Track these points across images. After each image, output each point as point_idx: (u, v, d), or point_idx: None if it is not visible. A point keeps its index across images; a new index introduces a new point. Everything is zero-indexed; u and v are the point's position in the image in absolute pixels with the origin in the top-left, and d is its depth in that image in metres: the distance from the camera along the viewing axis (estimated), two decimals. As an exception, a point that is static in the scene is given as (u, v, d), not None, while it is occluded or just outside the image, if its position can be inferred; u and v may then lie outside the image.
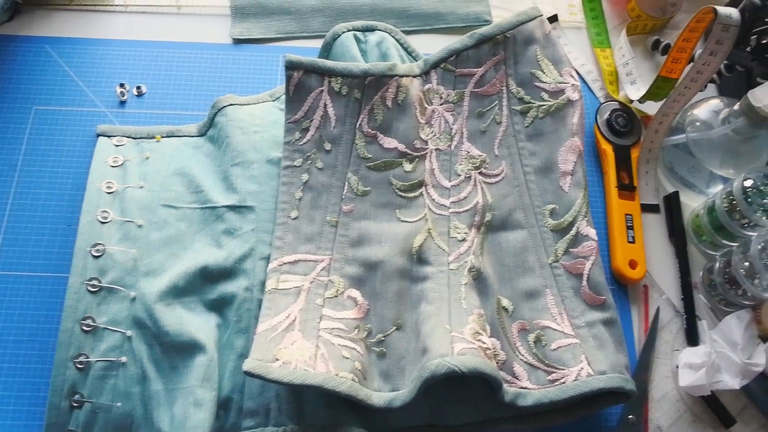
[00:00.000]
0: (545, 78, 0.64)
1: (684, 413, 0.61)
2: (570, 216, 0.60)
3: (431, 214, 0.61)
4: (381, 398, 0.53)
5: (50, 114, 0.68)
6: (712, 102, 0.68)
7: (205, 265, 0.58)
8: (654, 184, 0.70)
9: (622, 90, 0.74)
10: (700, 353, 0.61)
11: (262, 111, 0.67)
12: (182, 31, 0.74)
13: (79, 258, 0.58)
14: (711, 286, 0.65)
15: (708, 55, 0.61)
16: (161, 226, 0.61)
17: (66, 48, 0.72)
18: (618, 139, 0.70)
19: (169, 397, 0.55)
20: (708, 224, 0.65)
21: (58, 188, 0.65)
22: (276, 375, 0.50)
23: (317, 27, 0.75)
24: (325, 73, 0.62)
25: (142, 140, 0.66)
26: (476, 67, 0.65)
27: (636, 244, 0.66)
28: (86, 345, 0.55)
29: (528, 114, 0.64)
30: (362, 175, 0.62)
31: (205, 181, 0.63)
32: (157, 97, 0.70)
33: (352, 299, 0.58)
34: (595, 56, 0.77)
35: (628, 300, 0.65)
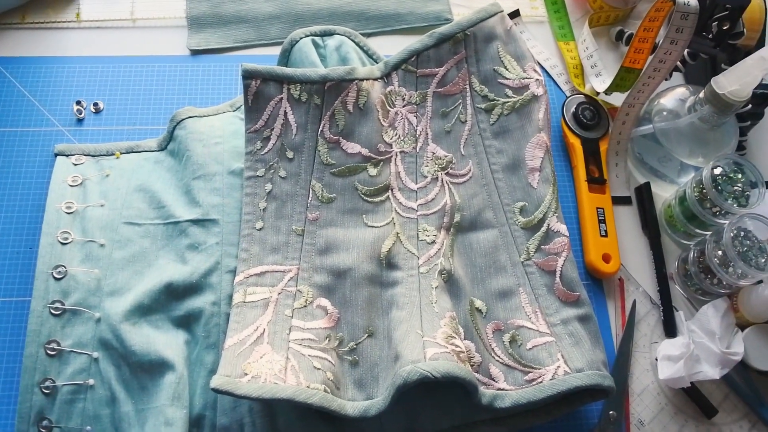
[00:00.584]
0: (508, 74, 0.63)
1: (665, 406, 0.61)
2: (540, 213, 0.60)
3: (399, 218, 0.61)
4: (355, 408, 0.52)
5: (6, 136, 0.67)
6: (678, 90, 0.68)
7: (170, 281, 0.57)
8: (624, 176, 0.69)
9: (588, 83, 0.73)
10: (678, 344, 0.60)
11: (222, 122, 0.66)
12: (138, 45, 0.73)
13: (41, 281, 0.57)
14: (686, 276, 0.64)
15: (669, 43, 0.60)
16: (124, 244, 0.60)
17: (19, 67, 0.70)
18: (586, 132, 0.70)
19: (139, 417, 0.53)
20: (680, 214, 0.65)
21: (18, 211, 0.63)
22: (244, 390, 0.49)
23: (275, 34, 0.74)
24: (283, 80, 0.61)
25: (101, 158, 0.65)
26: (438, 67, 0.64)
27: (609, 238, 0.65)
28: (52, 369, 0.54)
29: (493, 111, 0.63)
30: (326, 182, 0.61)
31: (166, 196, 0.62)
32: (115, 112, 0.69)
33: (321, 308, 0.57)
34: (559, 50, 0.76)
35: (603, 294, 0.65)
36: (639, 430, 0.59)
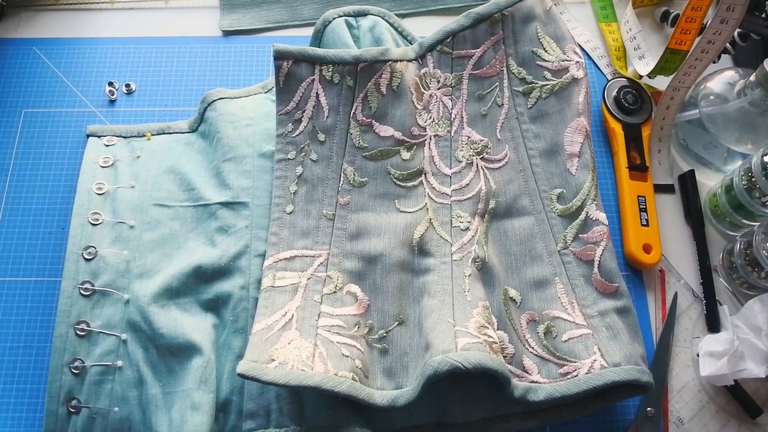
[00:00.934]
0: (547, 56, 0.61)
1: (706, 404, 0.58)
2: (578, 200, 0.58)
3: (432, 204, 0.59)
4: (384, 397, 0.51)
5: (40, 116, 0.67)
6: (726, 74, 0.65)
7: (199, 264, 0.57)
8: (667, 164, 0.67)
9: (631, 65, 0.70)
10: (721, 340, 0.58)
11: (253, 103, 0.65)
12: (170, 26, 0.73)
13: (71, 261, 0.57)
14: (732, 268, 0.61)
15: (719, 23, 0.57)
16: (154, 226, 0.60)
17: (53, 49, 0.71)
18: (627, 117, 0.67)
19: (166, 400, 0.53)
20: (726, 203, 0.62)
21: (50, 191, 0.64)
22: (271, 377, 0.49)
23: (308, 14, 0.73)
24: (315, 61, 0.59)
25: (132, 139, 0.65)
26: (474, 49, 0.62)
27: (650, 227, 0.63)
28: (81, 350, 0.54)
29: (531, 95, 0.61)
30: (358, 165, 0.59)
31: (197, 178, 0.61)
32: (146, 94, 0.69)
33: (351, 295, 0.56)
34: (600, 31, 0.74)
35: (643, 286, 0.62)
36: (678, 428, 0.57)
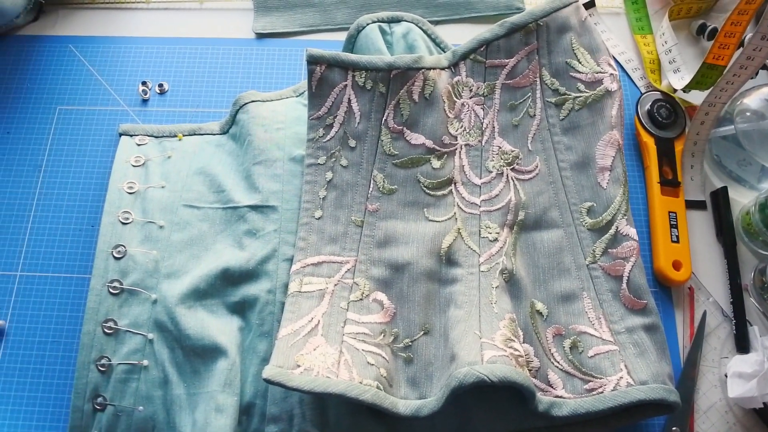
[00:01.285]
0: (581, 68, 0.61)
1: (733, 426, 0.57)
2: (609, 214, 0.57)
3: (461, 213, 0.59)
4: (407, 407, 0.51)
5: (74, 114, 0.68)
6: (763, 90, 0.64)
7: (226, 266, 0.57)
8: (700, 179, 0.66)
9: (665, 79, 0.70)
10: (751, 361, 0.57)
11: (285, 107, 0.65)
12: (204, 27, 0.73)
13: (101, 260, 0.57)
14: (763, 288, 0.61)
15: (760, 39, 0.56)
16: (183, 226, 0.60)
17: (89, 47, 0.71)
18: (660, 131, 0.66)
19: (190, 401, 0.54)
20: (760, 222, 0.61)
21: (82, 188, 0.65)
22: (297, 383, 0.49)
23: (341, 19, 0.73)
24: (348, 66, 0.59)
25: (164, 139, 0.65)
26: (507, 58, 0.62)
27: (680, 244, 0.62)
28: (108, 348, 0.55)
29: (563, 106, 0.61)
30: (388, 172, 0.59)
31: (227, 180, 0.62)
32: (179, 94, 0.69)
33: (378, 302, 0.56)
34: (635, 43, 0.73)
35: (672, 304, 0.62)
36: (704, 449, 0.57)
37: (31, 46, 0.71)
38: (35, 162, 0.66)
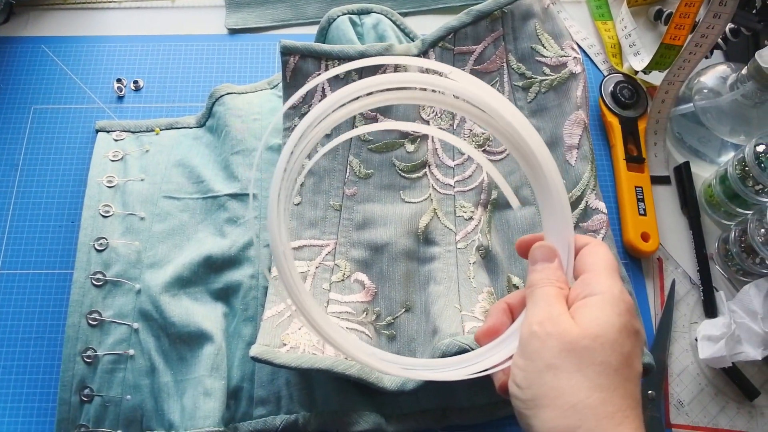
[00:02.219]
0: (546, 52, 0.63)
1: (705, 387, 0.60)
2: (578, 190, 0.59)
3: (436, 194, 0.60)
4: (393, 382, 0.52)
5: (49, 113, 0.68)
6: (719, 68, 0.66)
7: (209, 254, 0.58)
8: (663, 156, 0.68)
9: (626, 61, 0.72)
10: (719, 325, 0.59)
11: (260, 99, 0.66)
12: (177, 24, 0.74)
13: (83, 252, 0.58)
14: (727, 256, 0.63)
15: (712, 17, 0.59)
16: (164, 217, 0.61)
17: (62, 47, 0.72)
18: (624, 111, 0.69)
19: (178, 388, 0.54)
20: (721, 193, 0.64)
21: (60, 185, 0.65)
22: (284, 360, 0.50)
23: (312, 13, 0.75)
24: (321, 56, 0.61)
25: (141, 134, 0.66)
26: (475, 45, 0.64)
27: (648, 217, 0.64)
28: (93, 339, 0.55)
29: (530, 89, 0.63)
30: (364, 157, 0.61)
31: (205, 171, 0.63)
32: (154, 90, 0.70)
33: (359, 282, 0.57)
34: (596, 29, 0.76)
35: (642, 274, 0.64)
36: (678, 411, 0.59)
37: (3, 48, 0.71)
38: (12, 161, 0.65)
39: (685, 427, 0.58)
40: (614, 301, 0.36)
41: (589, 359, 0.34)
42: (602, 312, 0.35)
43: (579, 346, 0.34)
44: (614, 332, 0.35)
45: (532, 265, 0.40)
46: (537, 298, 0.38)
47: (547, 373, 0.34)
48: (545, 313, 0.36)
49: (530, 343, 0.36)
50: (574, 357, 0.34)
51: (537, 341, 0.35)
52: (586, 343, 0.34)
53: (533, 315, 0.37)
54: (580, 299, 0.37)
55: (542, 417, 0.34)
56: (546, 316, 0.36)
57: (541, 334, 0.35)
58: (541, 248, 0.40)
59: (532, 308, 0.38)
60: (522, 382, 0.35)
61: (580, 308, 0.36)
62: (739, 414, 0.59)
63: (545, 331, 0.35)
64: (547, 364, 0.34)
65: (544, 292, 0.38)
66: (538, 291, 0.38)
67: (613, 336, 0.35)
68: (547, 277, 0.38)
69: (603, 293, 0.36)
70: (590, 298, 0.36)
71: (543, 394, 0.34)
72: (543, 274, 0.39)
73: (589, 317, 0.35)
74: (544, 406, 0.34)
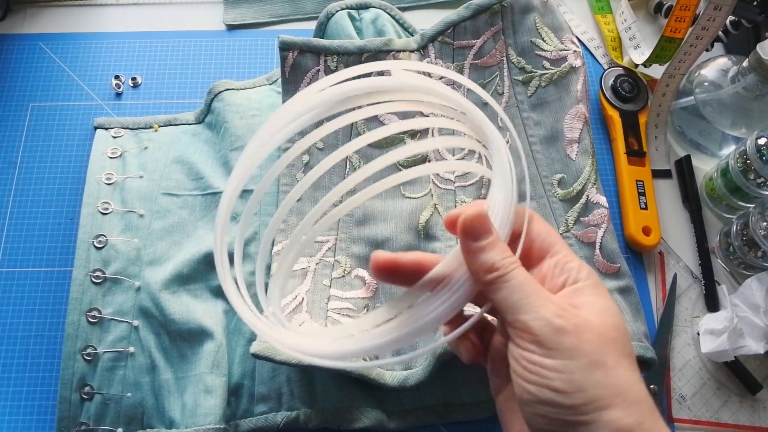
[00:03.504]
0: (546, 46, 0.62)
1: (708, 381, 0.60)
2: (579, 184, 0.59)
3: (436, 189, 0.60)
4: (394, 377, 0.52)
5: (47, 110, 0.68)
6: (719, 61, 0.66)
7: (208, 251, 0.58)
8: (664, 149, 0.68)
9: (626, 55, 0.72)
10: (721, 318, 0.59)
11: (259, 95, 0.66)
12: (175, 21, 0.74)
13: (82, 250, 0.57)
14: (729, 249, 0.63)
15: (713, 9, 0.59)
16: (163, 214, 0.60)
17: (59, 44, 0.71)
18: (624, 104, 0.69)
19: (179, 385, 0.54)
20: (722, 187, 0.64)
21: (59, 183, 0.64)
22: (284, 356, 0.49)
23: (311, 8, 0.74)
24: (320, 51, 0.61)
25: (139, 130, 0.66)
26: (474, 39, 0.63)
27: (649, 211, 0.64)
28: (93, 337, 0.55)
29: (530, 83, 0.63)
30: (364, 153, 0.61)
31: (204, 167, 0.62)
32: (153, 87, 0.70)
33: (360, 278, 0.57)
34: (596, 23, 0.75)
35: (643, 268, 0.64)
36: (680, 405, 0.58)
37: (0, 45, 0.71)
38: (10, 159, 0.65)
39: (688, 421, 0.58)
40: (600, 285, 0.34)
41: (622, 350, 0.32)
42: (602, 299, 0.33)
43: (609, 338, 0.31)
44: (620, 320, 0.33)
45: (474, 241, 0.34)
46: (521, 285, 0.33)
47: (596, 371, 0.31)
48: (551, 302, 0.32)
49: (563, 341, 0.31)
50: (613, 349, 0.31)
51: (571, 337, 0.31)
52: (613, 335, 0.32)
53: (540, 307, 0.32)
54: (569, 286, 0.34)
55: (605, 420, 0.30)
56: (559, 307, 0.32)
57: (571, 328, 0.31)
58: (480, 218, 0.34)
59: (526, 299, 0.32)
60: (566, 386, 0.31)
61: (577, 297, 0.33)
62: (741, 408, 0.59)
63: (573, 323, 0.31)
64: (592, 360, 0.31)
65: (522, 276, 0.33)
66: (515, 277, 0.33)
67: (622, 324, 0.33)
68: (508, 258, 0.33)
69: (587, 278, 0.34)
70: (582, 285, 0.34)
71: (600, 395, 0.30)
72: (501, 254, 0.33)
73: (596, 307, 0.33)
74: (606, 407, 0.30)
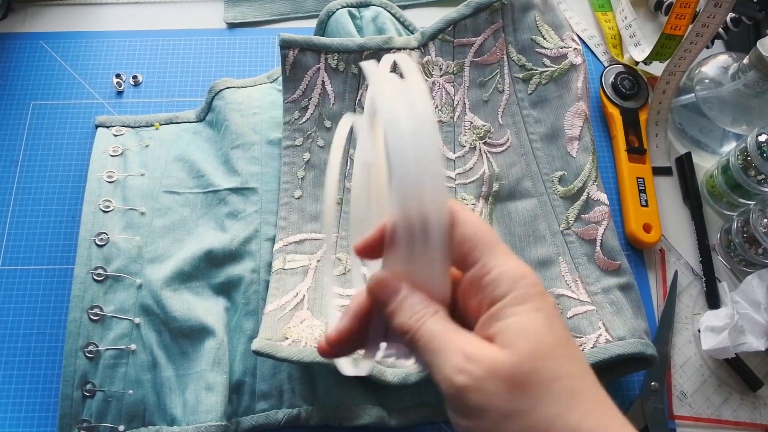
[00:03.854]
0: (546, 44, 0.62)
1: (708, 378, 0.60)
2: (579, 181, 0.59)
3: (437, 187, 0.60)
4: (395, 375, 0.52)
5: (48, 108, 0.68)
6: (720, 58, 0.66)
7: (210, 248, 0.58)
8: (665, 147, 0.68)
9: (627, 52, 0.72)
10: (722, 316, 0.59)
11: (259, 93, 0.66)
12: (176, 19, 0.74)
13: (84, 248, 0.57)
14: (729, 246, 0.63)
15: (712, 7, 0.59)
16: (164, 212, 0.60)
17: (60, 42, 0.71)
18: (625, 102, 0.69)
19: (180, 382, 0.54)
20: (723, 184, 0.64)
21: (60, 181, 0.65)
22: (285, 353, 0.49)
23: (311, 7, 0.75)
24: (320, 49, 0.61)
25: (140, 129, 0.66)
26: (475, 37, 0.64)
27: (649, 208, 0.64)
28: (95, 334, 0.55)
29: (531, 81, 0.63)
30: (365, 151, 0.61)
31: (206, 165, 0.62)
32: (153, 85, 0.70)
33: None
34: (596, 20, 0.75)
35: (644, 265, 0.64)
36: (681, 402, 0.58)
37: (2, 44, 0.71)
38: (11, 157, 0.65)
39: (689, 418, 0.58)
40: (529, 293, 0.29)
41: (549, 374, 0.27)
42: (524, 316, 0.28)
43: (524, 373, 0.27)
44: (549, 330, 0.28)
45: (384, 308, 0.30)
46: (428, 343, 0.29)
47: (509, 423, 0.27)
48: (455, 355, 0.28)
49: (467, 401, 0.27)
50: (531, 385, 0.27)
51: (474, 394, 0.27)
52: (533, 365, 0.27)
53: (444, 363, 0.28)
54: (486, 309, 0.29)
55: None
56: (461, 358, 0.27)
57: (473, 383, 0.27)
58: (379, 284, 0.31)
59: (433, 357, 0.28)
60: None
61: (493, 323, 0.29)
62: (742, 405, 0.59)
63: (474, 376, 0.27)
64: (502, 413, 0.27)
65: (429, 331, 0.29)
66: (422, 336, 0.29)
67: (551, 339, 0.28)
68: (417, 313, 0.29)
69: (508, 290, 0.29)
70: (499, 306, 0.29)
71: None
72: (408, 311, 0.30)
73: (511, 333, 0.28)
74: None
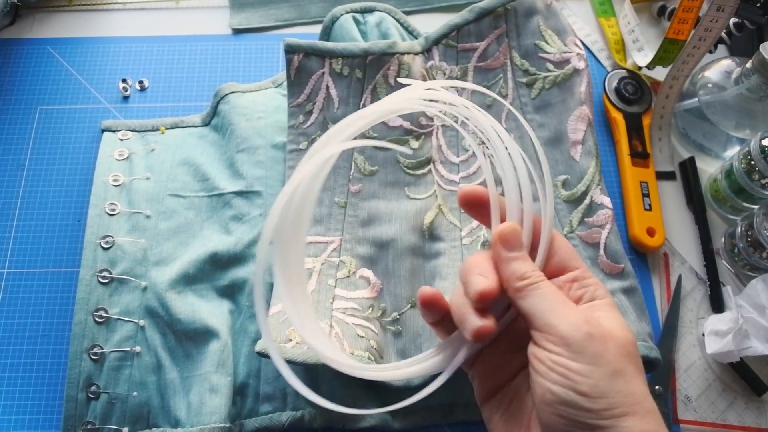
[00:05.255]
0: (549, 48, 0.63)
1: (713, 382, 0.59)
2: (583, 185, 0.59)
3: (441, 191, 0.60)
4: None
5: (55, 113, 0.69)
6: (723, 63, 0.66)
7: (214, 251, 0.58)
8: (668, 151, 0.68)
9: (630, 57, 0.72)
10: (726, 320, 0.59)
11: (264, 97, 0.67)
12: (181, 25, 0.75)
13: (89, 250, 0.58)
14: (734, 251, 0.63)
15: (715, 11, 0.59)
16: (169, 215, 0.61)
17: (67, 48, 0.72)
18: (628, 106, 0.69)
19: (184, 384, 0.54)
20: (727, 188, 0.64)
21: (66, 185, 0.65)
22: (289, 355, 0.50)
23: (316, 12, 0.75)
24: (325, 54, 0.61)
25: (146, 133, 0.66)
26: (478, 42, 0.64)
27: (653, 212, 0.64)
28: (100, 336, 0.55)
29: (534, 86, 0.63)
30: (368, 154, 0.61)
31: (211, 169, 0.63)
32: (159, 90, 0.70)
33: (364, 279, 0.57)
34: (599, 26, 0.76)
35: (648, 269, 0.64)
36: (686, 406, 0.58)
37: (9, 49, 0.72)
38: (18, 161, 0.66)
39: (693, 422, 0.58)
40: (614, 306, 0.36)
41: (636, 364, 0.33)
42: (619, 317, 0.35)
43: (628, 351, 0.33)
44: (634, 338, 0.34)
45: (509, 251, 0.37)
46: (550, 294, 0.35)
47: (618, 379, 0.32)
48: (579, 311, 0.34)
49: (590, 346, 0.32)
50: (632, 361, 0.33)
51: (597, 344, 0.33)
52: (630, 349, 0.33)
53: (568, 313, 0.34)
54: (585, 302, 0.36)
55: (623, 426, 0.32)
56: (587, 316, 0.34)
57: (598, 335, 0.33)
58: (515, 232, 0.37)
59: (555, 305, 0.34)
60: (591, 390, 0.32)
61: (595, 312, 0.35)
62: (747, 409, 0.58)
63: (600, 332, 0.33)
64: (615, 368, 0.32)
65: (550, 287, 0.35)
66: (543, 287, 0.35)
67: (636, 342, 0.34)
68: (537, 271, 0.36)
69: (603, 296, 0.36)
70: (599, 303, 0.35)
71: (621, 402, 0.32)
72: (530, 266, 0.36)
73: (614, 322, 0.34)
74: (626, 414, 0.32)
